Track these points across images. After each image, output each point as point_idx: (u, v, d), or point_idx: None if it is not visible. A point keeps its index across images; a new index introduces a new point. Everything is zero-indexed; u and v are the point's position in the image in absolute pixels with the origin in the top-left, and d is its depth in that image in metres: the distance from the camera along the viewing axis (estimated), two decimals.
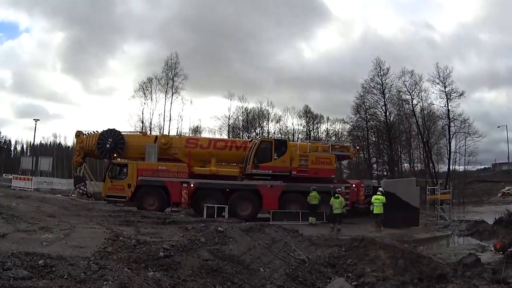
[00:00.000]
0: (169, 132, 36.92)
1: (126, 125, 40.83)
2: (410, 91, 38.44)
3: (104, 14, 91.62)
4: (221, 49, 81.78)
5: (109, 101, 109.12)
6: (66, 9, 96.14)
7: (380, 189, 17.40)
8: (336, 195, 16.41)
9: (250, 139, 25.72)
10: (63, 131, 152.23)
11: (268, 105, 46.57)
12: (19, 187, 25.20)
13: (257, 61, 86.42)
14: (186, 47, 78.74)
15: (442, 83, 37.09)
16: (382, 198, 16.23)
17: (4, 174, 49.06)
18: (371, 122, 42.17)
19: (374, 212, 16.35)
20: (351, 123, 44.24)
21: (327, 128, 48.99)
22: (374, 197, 16.61)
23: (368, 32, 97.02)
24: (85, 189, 20.90)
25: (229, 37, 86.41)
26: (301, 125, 48.39)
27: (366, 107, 41.61)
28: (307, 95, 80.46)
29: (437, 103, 39.04)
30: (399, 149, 42.09)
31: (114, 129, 20.52)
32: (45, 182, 35.05)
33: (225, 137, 41.59)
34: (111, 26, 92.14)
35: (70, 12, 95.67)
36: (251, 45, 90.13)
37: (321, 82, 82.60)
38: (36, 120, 48.26)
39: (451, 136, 37.20)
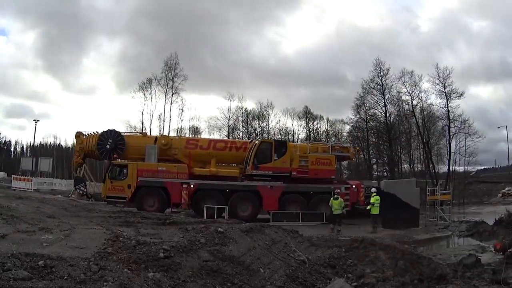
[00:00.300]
0: (169, 133, 36.93)
1: (115, 124, 40.61)
2: (410, 92, 38.50)
3: (71, 9, 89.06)
4: (194, 42, 79.64)
5: (92, 100, 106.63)
6: (34, 6, 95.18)
7: (373, 189, 17.50)
8: (335, 196, 16.43)
9: (250, 140, 25.72)
10: (50, 130, 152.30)
11: (268, 106, 46.58)
12: (19, 188, 25.19)
13: (231, 54, 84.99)
14: (155, 41, 77.60)
15: (442, 83, 37.10)
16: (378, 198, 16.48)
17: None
18: (371, 122, 42.13)
19: (373, 212, 16.39)
20: (351, 124, 44.36)
21: (326, 129, 49.04)
22: (376, 198, 16.53)
23: (343, 19, 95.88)
24: (85, 190, 20.92)
25: (199, 29, 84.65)
26: (301, 125, 48.45)
27: (366, 107, 41.65)
28: (289, 90, 79.65)
29: (437, 103, 39.12)
30: (399, 150, 42.08)
31: (114, 130, 20.62)
32: (45, 182, 35.00)
33: (224, 137, 41.55)
34: (79, 23, 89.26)
35: (39, 9, 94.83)
36: (223, 37, 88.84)
37: (302, 76, 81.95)
38: (36, 121, 48.52)
39: (451, 136, 37.18)
